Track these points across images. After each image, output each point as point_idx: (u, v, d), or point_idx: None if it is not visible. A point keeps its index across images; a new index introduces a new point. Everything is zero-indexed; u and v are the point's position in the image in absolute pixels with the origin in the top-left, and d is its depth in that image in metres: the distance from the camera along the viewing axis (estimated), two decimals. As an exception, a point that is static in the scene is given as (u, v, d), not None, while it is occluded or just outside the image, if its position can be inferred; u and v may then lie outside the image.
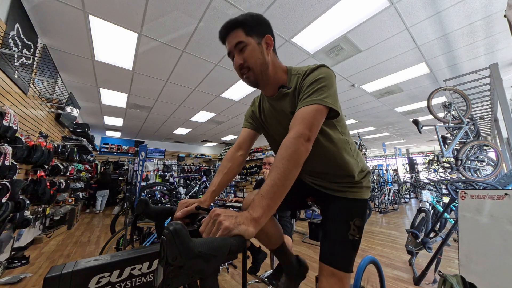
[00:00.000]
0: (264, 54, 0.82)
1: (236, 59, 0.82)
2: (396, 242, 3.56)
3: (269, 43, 0.84)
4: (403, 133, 8.96)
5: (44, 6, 2.34)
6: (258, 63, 0.81)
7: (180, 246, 0.37)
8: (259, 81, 0.85)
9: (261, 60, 0.81)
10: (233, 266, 2.65)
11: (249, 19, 0.81)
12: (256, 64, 0.81)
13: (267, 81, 0.87)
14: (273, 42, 0.85)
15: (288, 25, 2.66)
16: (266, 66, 0.83)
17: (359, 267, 1.30)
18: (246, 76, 0.83)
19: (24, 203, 2.48)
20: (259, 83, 0.86)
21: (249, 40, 0.80)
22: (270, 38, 0.84)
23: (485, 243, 1.23)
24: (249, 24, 0.80)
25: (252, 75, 0.82)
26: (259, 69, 0.82)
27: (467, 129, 3.22)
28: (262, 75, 0.83)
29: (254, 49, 0.80)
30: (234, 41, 0.80)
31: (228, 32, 0.81)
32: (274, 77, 0.88)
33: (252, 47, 0.80)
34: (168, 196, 4.26)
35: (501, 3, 2.33)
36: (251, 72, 0.82)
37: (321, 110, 0.73)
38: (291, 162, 0.63)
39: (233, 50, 0.82)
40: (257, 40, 0.81)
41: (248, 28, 0.80)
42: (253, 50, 0.80)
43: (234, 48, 0.81)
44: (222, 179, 0.94)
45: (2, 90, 2.20)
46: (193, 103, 5.25)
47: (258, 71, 0.82)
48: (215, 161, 12.27)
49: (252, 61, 0.80)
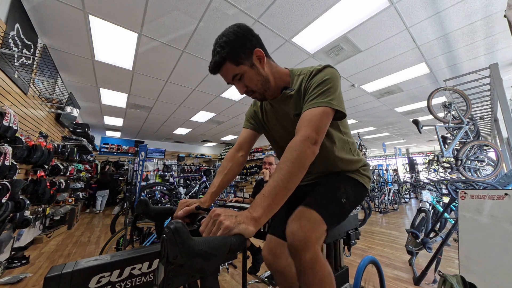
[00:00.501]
0: (261, 71, 0.80)
1: (238, 88, 0.83)
2: (396, 242, 3.56)
3: (260, 55, 0.79)
4: (403, 133, 8.96)
5: (44, 6, 2.34)
6: (259, 84, 0.82)
7: (180, 244, 0.37)
8: (266, 96, 0.88)
9: (261, 80, 0.82)
10: (233, 266, 2.65)
11: (231, 48, 0.73)
12: (257, 86, 0.82)
13: (272, 91, 0.89)
14: (263, 53, 0.80)
15: (288, 25, 2.66)
16: (267, 82, 0.84)
17: (359, 267, 1.30)
18: (253, 97, 0.87)
19: (24, 203, 2.48)
20: (266, 97, 0.89)
21: (242, 69, 0.77)
22: (260, 51, 0.79)
23: (485, 243, 1.23)
24: (233, 53, 0.74)
25: (258, 95, 0.86)
26: (262, 88, 0.84)
27: (467, 129, 3.23)
28: (266, 91, 0.85)
29: (250, 74, 0.79)
30: (229, 76, 0.79)
31: (218, 71, 0.78)
32: (277, 84, 0.88)
33: (248, 74, 0.78)
34: (168, 196, 4.26)
35: (501, 3, 2.33)
36: (256, 93, 0.84)
37: (328, 113, 0.73)
38: (296, 164, 0.62)
39: (231, 82, 0.82)
40: (249, 63, 0.77)
41: (235, 58, 0.75)
42: (250, 76, 0.79)
43: (232, 81, 0.81)
44: (223, 180, 0.94)
45: (2, 90, 2.20)
46: (193, 103, 5.25)
47: (262, 90, 0.84)
48: (215, 161, 12.27)
49: (253, 85, 0.81)
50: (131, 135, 9.21)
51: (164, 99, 5.00)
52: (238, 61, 0.75)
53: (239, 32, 0.75)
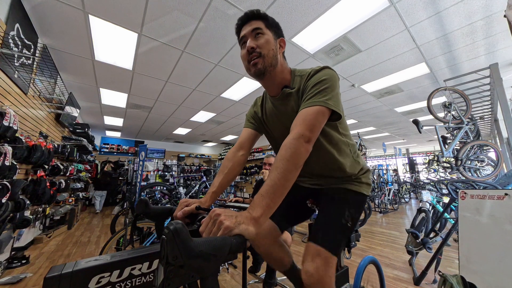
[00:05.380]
0: (277, 50, 0.84)
1: (249, 42, 0.80)
2: (396, 242, 3.56)
3: (282, 45, 0.87)
4: (403, 133, 8.96)
5: (44, 6, 2.34)
6: (270, 53, 0.81)
7: (180, 245, 0.37)
8: (266, 72, 0.82)
9: (274, 52, 0.82)
10: (233, 266, 2.65)
11: (270, 18, 0.85)
12: (268, 53, 0.81)
13: (273, 78, 0.87)
14: (284, 46, 0.89)
15: (288, 25, 2.65)
16: (276, 61, 0.84)
17: (359, 267, 1.30)
18: (254, 63, 0.80)
19: (24, 203, 2.48)
20: (265, 74, 0.82)
21: (267, 31, 0.82)
22: (284, 41, 0.88)
23: (485, 243, 1.23)
24: (270, 20, 0.84)
25: (261, 62, 0.80)
26: (270, 60, 0.81)
27: (467, 129, 3.23)
28: (270, 67, 0.82)
29: (270, 40, 0.82)
30: (253, 27, 0.81)
31: (249, 19, 0.82)
32: (280, 77, 0.88)
33: (268, 37, 0.81)
34: (168, 196, 4.25)
35: (501, 3, 2.33)
36: (261, 58, 0.80)
37: (323, 112, 0.73)
38: (291, 162, 0.63)
39: (248, 35, 0.81)
40: (274, 36, 0.84)
41: (269, 22, 0.84)
42: (269, 40, 0.81)
43: (251, 33, 0.81)
44: (223, 180, 0.94)
45: (2, 90, 2.20)
46: (193, 103, 5.25)
47: (269, 62, 0.81)
48: (215, 161, 12.27)
49: (265, 49, 0.80)
50: (131, 135, 9.20)
51: (164, 99, 5.00)
52: (269, 26, 0.83)
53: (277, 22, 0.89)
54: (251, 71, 0.83)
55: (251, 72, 0.83)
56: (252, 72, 0.83)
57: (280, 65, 0.86)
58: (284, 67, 0.89)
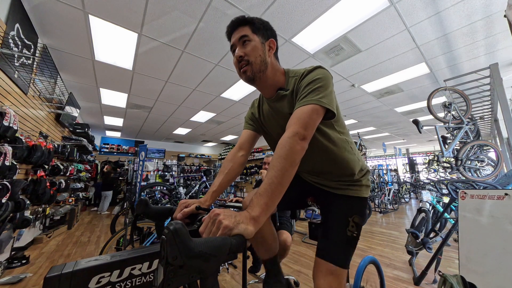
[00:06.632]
0: (266, 54, 0.85)
1: (237, 51, 0.83)
2: (396, 242, 3.56)
3: (272, 46, 0.88)
4: (403, 133, 8.96)
5: (44, 6, 2.34)
6: (258, 60, 0.82)
7: (180, 245, 0.37)
8: (256, 78, 0.85)
9: (261, 58, 0.83)
10: (233, 266, 2.65)
11: (257, 20, 0.85)
12: (256, 60, 0.82)
13: (265, 81, 0.88)
14: (275, 47, 0.89)
15: (288, 25, 2.66)
16: (265, 66, 0.84)
17: (359, 267, 1.30)
18: (243, 70, 0.84)
19: (24, 203, 2.48)
20: (255, 79, 0.85)
21: (254, 37, 0.83)
22: (274, 42, 0.88)
23: (485, 243, 1.23)
24: (256, 24, 0.84)
25: (250, 69, 0.83)
26: (258, 67, 0.83)
27: (467, 129, 3.22)
28: (260, 73, 0.84)
29: (257, 46, 0.82)
30: (239, 35, 0.83)
31: (236, 27, 0.85)
32: (273, 79, 0.89)
33: (255, 43, 0.82)
34: (168, 196, 4.26)
35: (501, 3, 2.33)
36: (249, 66, 0.82)
37: (317, 110, 0.73)
38: (287, 160, 0.63)
39: (236, 43, 0.84)
40: (261, 39, 0.84)
41: (255, 27, 0.84)
42: (255, 46, 0.82)
43: (238, 41, 0.83)
44: (224, 180, 0.94)
45: (2, 90, 2.20)
46: (193, 103, 5.25)
47: (257, 68, 0.83)
48: (215, 161, 12.27)
49: (252, 56, 0.82)
50: (131, 135, 9.20)
51: (164, 99, 5.00)
52: (256, 30, 0.84)
53: (267, 23, 0.89)
54: (242, 78, 0.88)
55: (243, 79, 0.88)
56: (243, 79, 0.87)
57: (271, 67, 0.87)
58: (276, 69, 0.90)
